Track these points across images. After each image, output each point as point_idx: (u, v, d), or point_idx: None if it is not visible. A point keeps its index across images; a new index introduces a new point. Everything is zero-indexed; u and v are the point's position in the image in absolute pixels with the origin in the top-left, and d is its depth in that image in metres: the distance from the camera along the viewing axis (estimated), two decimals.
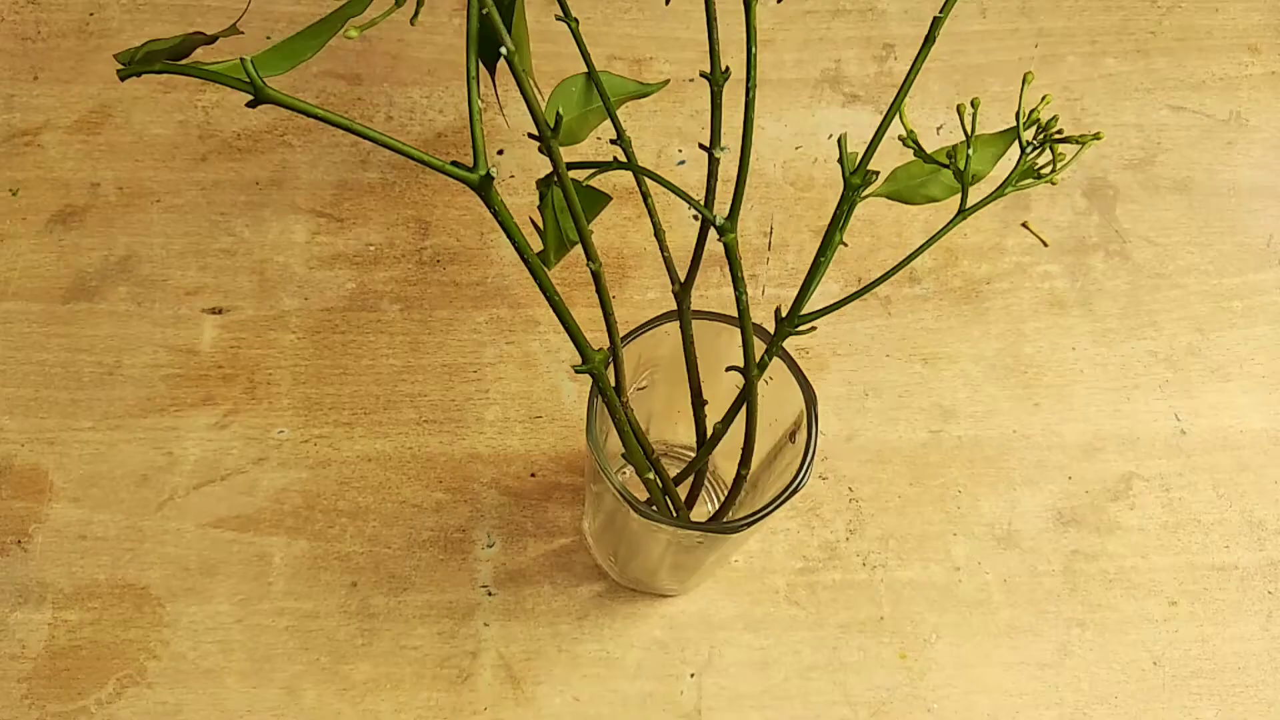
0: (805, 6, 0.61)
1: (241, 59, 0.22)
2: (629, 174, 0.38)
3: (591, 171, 0.32)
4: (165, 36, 0.23)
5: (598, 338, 0.32)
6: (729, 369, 0.36)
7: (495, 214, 0.27)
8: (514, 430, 0.49)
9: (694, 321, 0.36)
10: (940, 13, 0.28)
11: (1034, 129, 0.30)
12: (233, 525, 0.46)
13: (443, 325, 0.51)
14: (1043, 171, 0.30)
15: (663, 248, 0.34)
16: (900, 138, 0.30)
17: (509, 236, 0.27)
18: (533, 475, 0.48)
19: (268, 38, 0.58)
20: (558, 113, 0.27)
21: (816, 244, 0.36)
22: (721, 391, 0.38)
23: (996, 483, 0.49)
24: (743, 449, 0.36)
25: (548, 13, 0.35)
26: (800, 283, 0.31)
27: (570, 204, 0.29)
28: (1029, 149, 0.30)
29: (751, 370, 0.34)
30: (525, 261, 0.28)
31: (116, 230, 0.52)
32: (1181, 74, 0.60)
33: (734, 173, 0.31)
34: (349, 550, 0.46)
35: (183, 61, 0.23)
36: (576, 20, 0.30)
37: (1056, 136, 0.29)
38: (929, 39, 0.28)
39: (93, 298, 0.51)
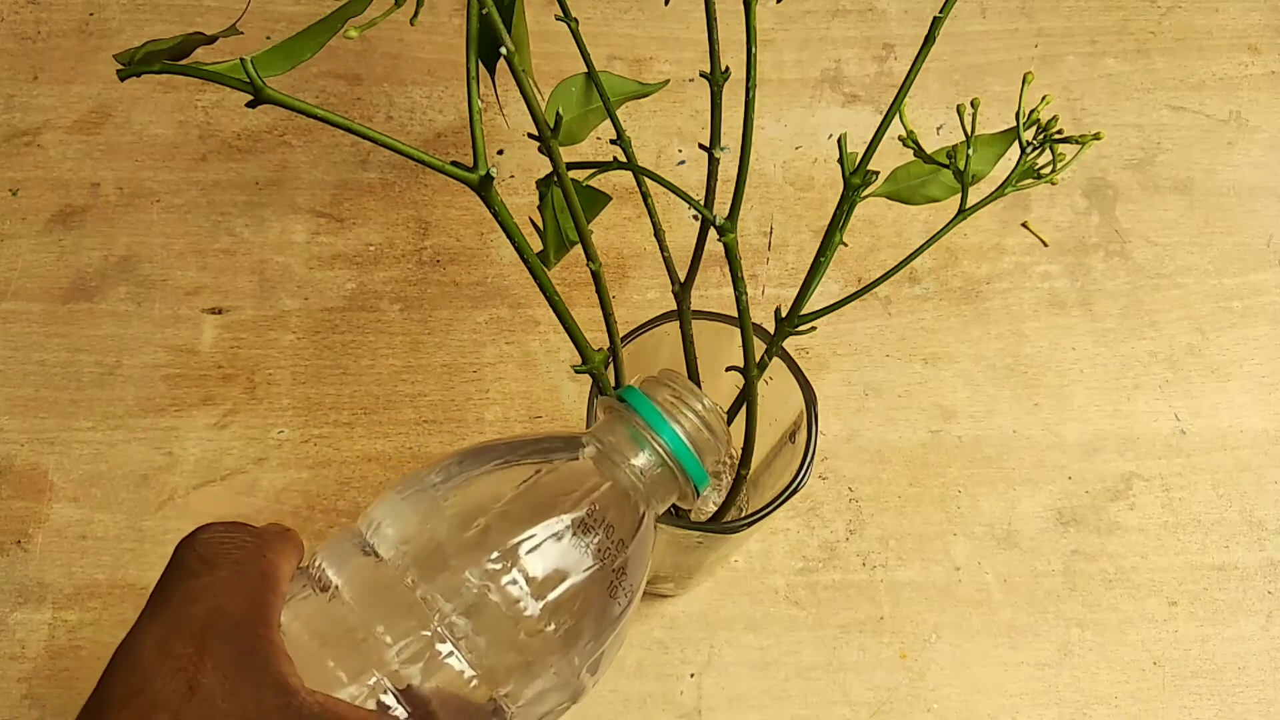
0: (805, 6, 0.61)
1: (241, 59, 0.23)
2: (629, 174, 0.38)
3: (591, 171, 0.32)
4: (165, 36, 0.23)
5: (598, 338, 0.32)
6: (729, 369, 0.36)
7: (495, 214, 0.27)
8: (514, 430, 0.49)
9: (694, 321, 0.36)
10: (940, 13, 0.28)
11: (1034, 129, 0.30)
12: None
13: (443, 325, 0.51)
14: (1043, 171, 0.30)
15: (663, 248, 0.34)
16: (900, 138, 0.30)
17: (509, 236, 0.27)
18: None
19: (268, 38, 0.58)
20: (558, 113, 0.27)
21: (816, 244, 0.36)
22: (721, 391, 0.38)
23: (996, 483, 0.49)
24: (743, 449, 0.36)
25: (548, 13, 0.35)
26: (800, 283, 0.32)
27: (570, 204, 0.29)
28: (1029, 149, 0.30)
29: (751, 370, 0.34)
30: (525, 261, 0.28)
31: (116, 230, 0.52)
32: (1181, 74, 0.60)
33: (734, 173, 0.31)
34: None
35: (183, 61, 0.23)
36: (576, 20, 0.30)
37: (1056, 136, 0.29)
38: (929, 39, 0.28)
39: (93, 298, 0.51)
